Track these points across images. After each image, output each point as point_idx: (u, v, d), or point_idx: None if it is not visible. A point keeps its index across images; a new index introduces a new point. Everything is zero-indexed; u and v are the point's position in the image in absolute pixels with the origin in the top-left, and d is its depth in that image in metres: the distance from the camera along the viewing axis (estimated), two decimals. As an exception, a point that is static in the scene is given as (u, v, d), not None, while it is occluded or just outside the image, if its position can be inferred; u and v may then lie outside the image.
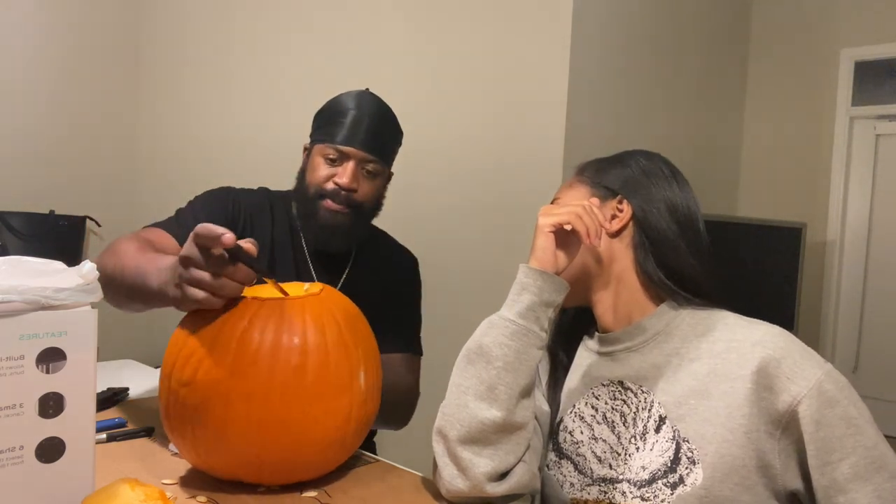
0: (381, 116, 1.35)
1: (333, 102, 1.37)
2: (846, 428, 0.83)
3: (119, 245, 1.18)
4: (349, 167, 1.31)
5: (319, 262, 1.40)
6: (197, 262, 0.87)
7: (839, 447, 0.82)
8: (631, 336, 0.97)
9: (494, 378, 0.90)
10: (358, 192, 1.32)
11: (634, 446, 0.93)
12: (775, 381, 0.85)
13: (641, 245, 0.97)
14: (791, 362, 0.85)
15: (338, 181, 1.31)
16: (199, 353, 0.89)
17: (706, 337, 0.93)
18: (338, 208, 1.31)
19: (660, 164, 1.02)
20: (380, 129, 1.34)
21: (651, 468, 0.89)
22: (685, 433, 0.88)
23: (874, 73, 3.11)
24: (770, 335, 0.89)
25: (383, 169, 1.37)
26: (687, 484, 0.86)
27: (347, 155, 1.31)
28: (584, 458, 0.97)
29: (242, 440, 0.88)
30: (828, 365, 0.87)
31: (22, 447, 0.72)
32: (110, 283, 1.09)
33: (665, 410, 0.91)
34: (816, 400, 0.83)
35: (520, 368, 0.90)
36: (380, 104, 1.36)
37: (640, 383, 0.95)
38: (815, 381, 0.84)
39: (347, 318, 0.98)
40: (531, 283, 0.92)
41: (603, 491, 0.93)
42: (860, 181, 3.19)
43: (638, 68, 2.52)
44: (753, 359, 0.87)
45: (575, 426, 1.00)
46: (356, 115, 1.32)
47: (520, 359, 0.91)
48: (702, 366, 0.90)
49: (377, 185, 1.37)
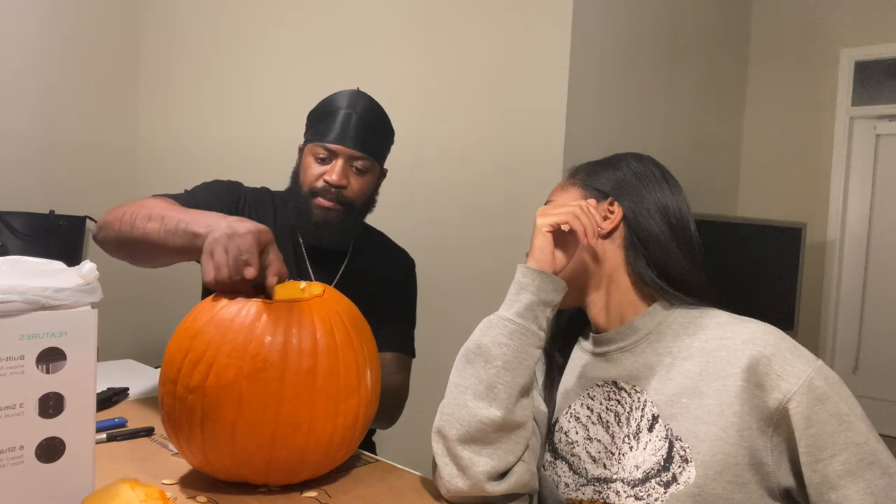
0: (370, 114, 1.37)
1: (325, 102, 1.39)
2: (837, 424, 0.83)
3: (144, 201, 1.23)
4: (338, 164, 1.33)
5: (316, 260, 1.42)
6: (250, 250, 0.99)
7: (830, 444, 0.83)
8: (623, 336, 0.98)
9: (493, 377, 0.90)
10: (348, 189, 1.35)
11: (628, 445, 0.93)
12: (766, 379, 0.85)
13: (632, 246, 0.98)
14: (781, 359, 0.86)
15: (327, 178, 1.33)
16: (208, 358, 0.88)
17: (698, 336, 0.93)
18: (329, 205, 1.34)
19: (650, 167, 1.02)
20: (369, 127, 1.36)
21: (644, 467, 0.90)
22: (678, 432, 0.88)
23: (874, 73, 3.11)
24: (760, 332, 0.89)
25: (373, 166, 1.38)
26: (680, 482, 0.86)
27: (336, 153, 1.34)
28: (578, 458, 0.97)
29: (253, 443, 0.88)
30: (818, 362, 0.87)
31: (22, 447, 0.73)
32: (134, 230, 1.16)
33: (658, 409, 0.91)
34: (807, 396, 0.83)
35: (518, 368, 0.91)
36: (370, 102, 1.38)
37: (634, 383, 0.95)
38: (805, 378, 0.84)
39: (353, 319, 0.98)
40: (529, 282, 0.92)
41: (597, 491, 0.94)
42: (860, 181, 3.19)
43: (638, 70, 2.52)
44: (744, 356, 0.87)
45: (570, 427, 1.00)
46: (345, 114, 1.34)
47: (518, 358, 0.91)
48: (693, 364, 0.91)
49: (367, 182, 1.38)
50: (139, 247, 1.17)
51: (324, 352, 0.91)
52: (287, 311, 0.91)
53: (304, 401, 0.88)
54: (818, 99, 3.22)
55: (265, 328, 0.89)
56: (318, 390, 0.89)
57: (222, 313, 0.91)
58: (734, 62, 3.26)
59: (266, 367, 0.87)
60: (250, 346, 0.88)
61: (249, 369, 0.87)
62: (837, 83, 3.17)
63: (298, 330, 0.90)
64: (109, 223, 1.22)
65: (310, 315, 0.92)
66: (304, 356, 0.89)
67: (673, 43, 2.72)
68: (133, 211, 1.18)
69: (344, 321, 0.96)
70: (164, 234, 1.10)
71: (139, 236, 1.15)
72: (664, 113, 2.67)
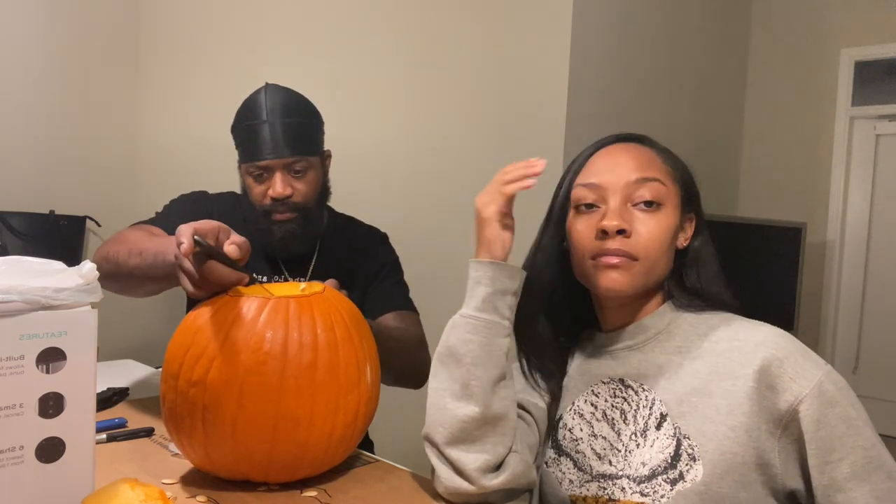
0: (289, 113, 1.35)
1: (242, 115, 1.38)
2: (846, 428, 0.84)
3: (126, 235, 1.26)
4: (277, 178, 1.34)
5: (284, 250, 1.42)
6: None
7: (839, 447, 0.83)
8: (632, 335, 0.98)
9: (465, 375, 0.91)
10: (295, 195, 1.35)
11: (634, 443, 0.93)
12: (777, 381, 0.86)
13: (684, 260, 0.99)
14: (794, 362, 0.86)
15: (272, 194, 1.34)
16: (210, 353, 0.89)
17: (708, 336, 0.93)
18: (285, 217, 1.35)
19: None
20: (292, 128, 1.34)
21: (651, 464, 0.90)
22: (686, 430, 0.89)
23: (874, 73, 3.11)
24: (773, 335, 0.90)
25: (312, 161, 1.38)
26: (687, 480, 0.87)
27: (271, 167, 1.34)
28: (583, 454, 0.97)
29: (254, 438, 0.88)
30: (827, 366, 0.88)
31: (22, 447, 0.72)
32: (120, 269, 1.18)
33: (666, 408, 0.91)
34: (817, 400, 0.84)
35: (488, 361, 0.91)
36: (285, 100, 1.36)
37: (641, 381, 0.95)
38: (816, 381, 0.85)
39: (353, 316, 0.99)
40: (482, 275, 0.93)
41: (602, 487, 0.93)
42: (860, 181, 3.19)
43: (638, 69, 2.52)
44: (756, 358, 0.87)
45: (574, 423, 1.00)
46: (265, 125, 1.33)
47: (486, 351, 0.92)
48: (703, 364, 0.91)
49: (312, 179, 1.38)
50: (130, 283, 1.21)
51: (324, 347, 0.91)
52: (288, 306, 0.92)
53: (304, 395, 0.89)
54: (818, 99, 3.22)
55: (266, 323, 0.89)
56: (319, 385, 0.90)
57: (224, 309, 0.92)
58: (734, 62, 3.26)
59: (267, 360, 0.88)
60: (251, 340, 0.88)
61: (250, 363, 0.87)
62: (837, 83, 3.17)
63: (299, 325, 0.90)
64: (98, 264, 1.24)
65: (310, 310, 0.93)
66: (305, 350, 0.89)
67: (674, 42, 2.72)
68: (116, 250, 1.21)
69: (344, 317, 0.96)
70: (146, 268, 1.13)
71: (126, 273, 1.18)
72: (664, 113, 2.67)
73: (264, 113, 1.33)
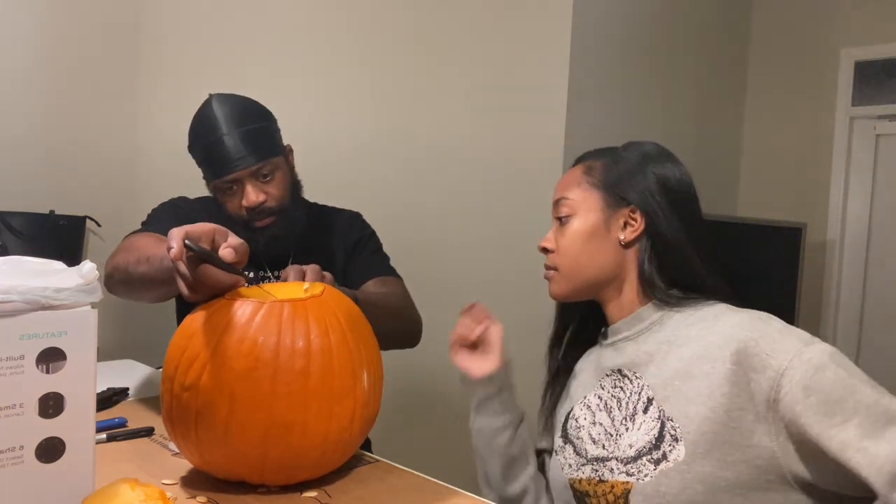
0: (244, 120, 1.36)
1: (196, 133, 1.39)
2: (841, 390, 0.83)
3: (134, 242, 1.27)
4: (246, 188, 1.36)
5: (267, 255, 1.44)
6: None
7: (839, 410, 0.82)
8: (630, 326, 1.03)
9: (482, 467, 1.14)
10: (269, 199, 1.37)
11: (624, 427, 0.98)
12: (755, 360, 0.87)
13: (649, 254, 1.01)
14: (769, 339, 0.88)
15: (245, 204, 1.36)
16: (203, 357, 0.88)
17: (695, 325, 0.97)
18: (265, 223, 1.38)
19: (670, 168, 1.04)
20: (248, 136, 1.35)
21: (637, 446, 0.94)
22: (670, 413, 0.92)
23: (874, 73, 3.11)
24: (750, 318, 0.93)
25: (275, 161, 1.39)
26: (669, 460, 0.90)
27: (239, 178, 1.35)
28: (581, 440, 1.03)
29: (246, 443, 0.88)
30: (814, 339, 0.88)
31: (22, 447, 0.73)
32: (130, 276, 1.18)
33: (653, 392, 0.96)
34: (799, 369, 0.84)
35: (490, 458, 1.12)
36: (231, 110, 1.37)
37: (635, 370, 1.00)
38: (794, 352, 0.85)
39: (350, 319, 0.98)
40: (468, 392, 1.13)
41: (594, 469, 0.99)
42: (860, 181, 3.19)
43: (637, 69, 2.52)
44: (732, 340, 0.90)
45: (581, 414, 1.06)
46: (221, 140, 1.34)
47: (488, 450, 1.13)
48: (688, 350, 0.95)
49: (280, 179, 1.40)
50: (140, 289, 1.21)
51: (317, 352, 0.90)
52: (282, 311, 0.91)
53: (296, 401, 0.88)
54: (818, 99, 3.22)
55: (259, 328, 0.89)
56: (311, 391, 0.89)
57: (218, 314, 0.91)
58: (734, 62, 3.26)
59: (258, 366, 0.87)
60: (243, 345, 0.88)
61: (242, 368, 0.87)
62: (837, 83, 3.17)
63: (292, 330, 0.90)
64: (111, 275, 1.26)
65: (304, 315, 0.92)
66: (297, 356, 0.89)
67: (673, 42, 2.72)
68: (125, 258, 1.22)
69: (340, 322, 0.95)
70: (153, 274, 1.13)
71: (136, 281, 1.18)
72: (664, 113, 2.67)
73: (220, 126, 1.34)
